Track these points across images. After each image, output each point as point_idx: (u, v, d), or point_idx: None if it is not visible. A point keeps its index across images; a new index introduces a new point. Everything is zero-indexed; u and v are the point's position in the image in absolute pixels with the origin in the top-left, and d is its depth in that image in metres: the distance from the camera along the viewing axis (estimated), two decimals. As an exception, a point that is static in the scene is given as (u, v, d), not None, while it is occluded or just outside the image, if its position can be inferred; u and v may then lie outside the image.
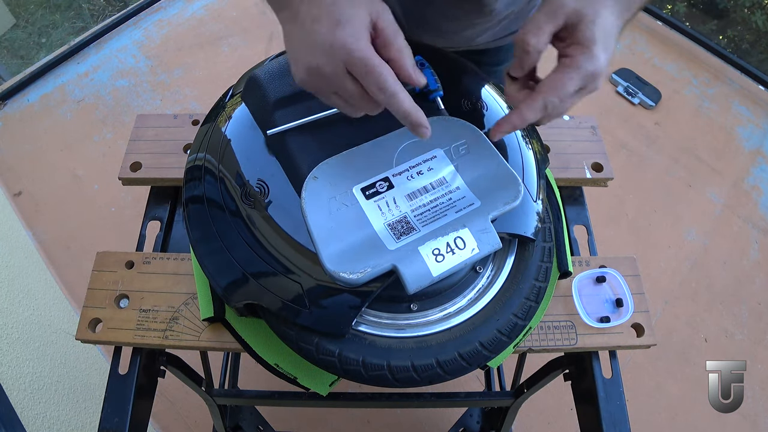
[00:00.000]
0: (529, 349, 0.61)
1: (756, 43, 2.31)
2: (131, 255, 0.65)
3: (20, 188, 1.69)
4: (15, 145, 1.79)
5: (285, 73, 0.55)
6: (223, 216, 0.51)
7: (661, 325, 1.48)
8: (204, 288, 0.61)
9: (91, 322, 0.61)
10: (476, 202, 0.45)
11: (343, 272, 0.41)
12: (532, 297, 0.53)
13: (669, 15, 2.21)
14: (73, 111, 1.87)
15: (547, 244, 0.56)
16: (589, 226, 0.74)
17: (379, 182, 0.46)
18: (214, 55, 2.03)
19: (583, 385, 0.66)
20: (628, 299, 0.63)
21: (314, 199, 0.44)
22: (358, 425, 1.32)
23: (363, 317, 0.51)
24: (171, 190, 0.75)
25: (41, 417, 0.95)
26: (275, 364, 0.57)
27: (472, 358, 0.49)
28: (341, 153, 0.48)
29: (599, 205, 1.66)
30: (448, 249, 0.43)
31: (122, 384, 0.61)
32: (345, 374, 0.50)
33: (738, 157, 1.82)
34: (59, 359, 1.13)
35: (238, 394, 0.97)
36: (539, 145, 0.60)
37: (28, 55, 2.25)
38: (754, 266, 1.59)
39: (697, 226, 1.67)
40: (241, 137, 0.54)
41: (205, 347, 0.61)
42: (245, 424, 1.08)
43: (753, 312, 1.51)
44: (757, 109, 1.94)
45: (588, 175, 0.74)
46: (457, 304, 0.52)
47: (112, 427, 0.59)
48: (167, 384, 0.71)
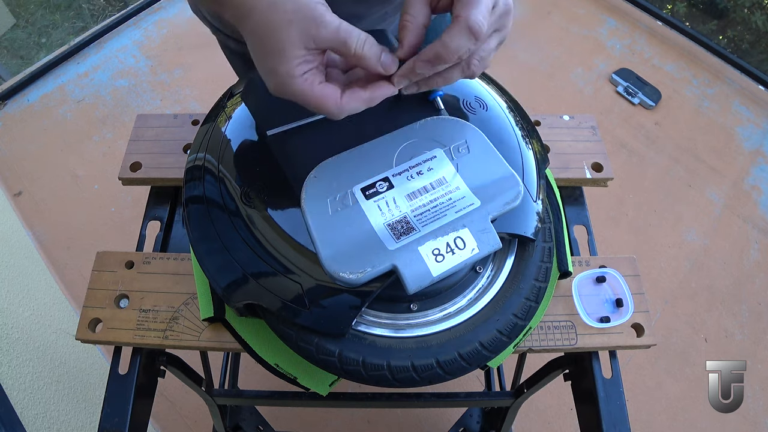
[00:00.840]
0: (529, 349, 0.61)
1: (756, 43, 2.31)
2: (131, 255, 0.65)
3: (20, 188, 1.69)
4: (15, 145, 1.79)
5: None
6: (223, 216, 0.51)
7: (661, 325, 1.48)
8: (204, 288, 0.61)
9: (91, 322, 0.61)
10: (476, 202, 0.45)
11: (342, 272, 0.41)
12: (532, 297, 0.53)
13: (669, 15, 2.21)
14: (73, 111, 1.87)
15: (547, 244, 0.56)
16: (589, 226, 0.74)
17: (379, 182, 0.46)
18: (214, 55, 2.01)
19: (583, 385, 0.66)
20: (628, 299, 0.63)
21: (314, 199, 0.44)
22: (358, 425, 1.32)
23: (363, 317, 0.51)
24: (171, 190, 0.75)
25: (41, 417, 0.94)
26: (275, 364, 0.57)
27: (472, 358, 0.49)
28: (341, 153, 0.48)
29: (599, 205, 1.66)
30: (448, 249, 0.43)
31: (122, 384, 0.61)
32: (345, 374, 0.50)
33: (738, 157, 1.82)
34: (59, 359, 1.13)
35: (238, 394, 0.97)
36: (539, 145, 0.60)
37: (28, 55, 2.25)
38: (754, 266, 1.59)
39: (697, 226, 1.67)
40: (241, 137, 0.54)
41: (205, 347, 0.61)
42: (245, 424, 1.08)
43: (753, 312, 1.51)
44: (757, 109, 1.94)
45: (588, 175, 0.74)
46: (457, 304, 0.52)
47: (112, 427, 0.59)
48: (167, 384, 0.71)
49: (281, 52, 0.37)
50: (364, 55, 0.39)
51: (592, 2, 2.24)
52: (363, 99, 0.40)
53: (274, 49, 0.38)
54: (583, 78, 1.99)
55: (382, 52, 0.40)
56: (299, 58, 0.38)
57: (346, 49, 0.38)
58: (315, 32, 0.37)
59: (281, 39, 0.37)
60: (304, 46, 0.38)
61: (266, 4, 0.38)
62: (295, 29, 0.37)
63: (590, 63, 2.04)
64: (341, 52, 0.39)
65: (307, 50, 0.38)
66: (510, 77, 1.98)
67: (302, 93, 0.38)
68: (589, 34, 2.15)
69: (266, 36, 0.38)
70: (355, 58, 0.39)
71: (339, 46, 0.38)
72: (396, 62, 0.40)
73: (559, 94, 1.96)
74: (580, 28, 2.17)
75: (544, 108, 1.90)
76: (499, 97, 0.60)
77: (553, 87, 1.98)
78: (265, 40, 0.38)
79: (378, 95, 0.40)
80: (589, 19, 2.19)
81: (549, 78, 2.01)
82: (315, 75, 0.39)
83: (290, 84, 0.38)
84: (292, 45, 0.37)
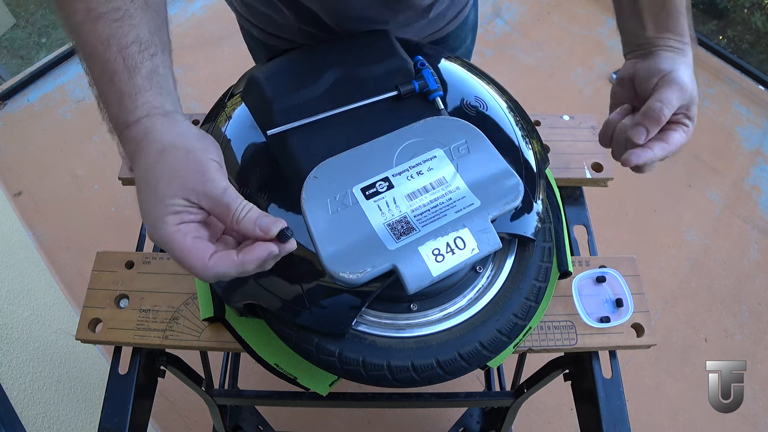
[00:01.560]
0: (529, 349, 0.61)
1: (756, 43, 2.31)
2: (131, 255, 0.65)
3: (20, 188, 1.69)
4: (15, 145, 1.79)
5: (285, 74, 0.55)
6: (223, 216, 0.51)
7: (661, 325, 1.48)
8: (204, 288, 0.61)
9: (91, 322, 0.61)
10: (476, 202, 0.45)
11: (342, 272, 0.41)
12: (532, 297, 0.53)
13: (669, 15, 2.20)
14: (73, 111, 1.87)
15: (547, 244, 0.56)
16: (589, 226, 0.74)
17: (379, 182, 0.46)
18: (214, 55, 2.03)
19: (583, 385, 0.66)
20: (628, 299, 0.63)
21: (314, 199, 0.44)
22: (358, 425, 1.32)
23: (363, 317, 0.51)
24: (171, 190, 0.75)
25: (41, 417, 0.94)
26: (275, 364, 0.57)
27: (472, 358, 0.49)
28: (341, 153, 0.48)
29: (599, 205, 1.66)
30: (448, 249, 0.43)
31: (122, 384, 0.61)
32: (345, 374, 0.50)
33: (738, 157, 1.82)
34: (59, 359, 1.13)
35: (238, 394, 0.97)
36: (539, 145, 0.60)
37: (28, 55, 2.25)
38: (754, 266, 1.59)
39: (697, 226, 1.67)
40: (241, 137, 0.54)
41: (205, 347, 0.61)
42: (245, 424, 1.08)
43: (753, 312, 1.51)
44: (757, 109, 1.94)
45: (588, 175, 0.74)
46: (457, 304, 0.52)
47: (112, 427, 0.59)
48: (167, 384, 0.71)
49: (160, 197, 0.37)
50: (242, 220, 0.37)
51: (592, 2, 2.24)
52: (233, 262, 0.37)
53: (154, 193, 0.37)
54: (583, 78, 1.99)
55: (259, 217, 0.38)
56: (176, 207, 0.37)
57: (226, 212, 0.37)
58: (199, 187, 0.37)
59: (162, 185, 0.37)
60: (184, 197, 0.37)
61: (158, 148, 0.38)
62: (179, 179, 0.37)
63: (590, 63, 2.04)
64: (220, 214, 0.38)
65: (188, 202, 0.37)
66: (510, 77, 1.98)
67: (170, 241, 0.36)
68: (589, 34, 2.15)
69: (151, 178, 0.37)
70: (234, 221, 0.38)
71: (220, 209, 0.38)
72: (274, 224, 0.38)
73: (559, 94, 1.96)
74: (580, 28, 2.17)
75: (544, 108, 1.90)
76: (499, 97, 0.60)
77: (553, 87, 1.98)
78: (148, 182, 0.37)
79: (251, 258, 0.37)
80: (589, 19, 2.19)
81: (549, 78, 2.01)
82: (191, 228, 0.37)
83: (160, 229, 0.37)
84: (172, 192, 0.37)
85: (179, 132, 0.39)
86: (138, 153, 0.39)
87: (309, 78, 0.54)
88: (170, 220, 0.37)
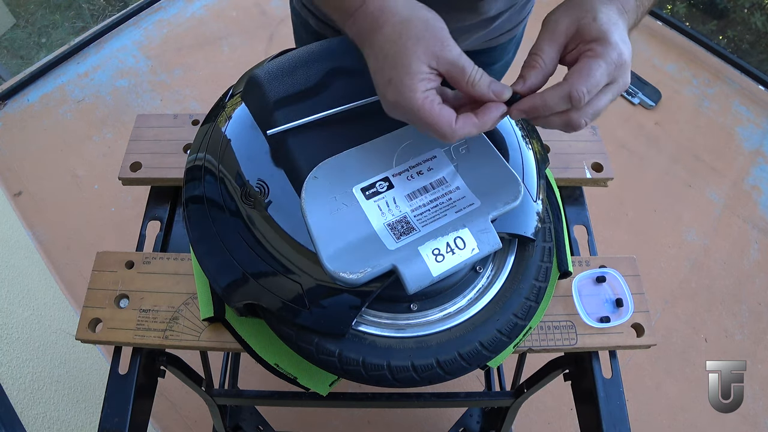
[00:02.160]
0: (529, 349, 0.61)
1: (756, 43, 2.31)
2: (131, 255, 0.65)
3: (20, 188, 1.69)
4: (15, 145, 1.78)
5: (285, 73, 0.55)
6: (223, 216, 0.51)
7: (661, 325, 1.48)
8: (204, 288, 0.61)
9: (91, 322, 0.61)
10: (476, 202, 0.45)
11: (343, 272, 0.41)
12: (532, 297, 0.53)
13: (669, 15, 2.21)
14: (73, 111, 1.87)
15: (547, 244, 0.55)
16: (589, 226, 0.74)
17: (379, 182, 0.46)
18: (214, 55, 2.03)
19: (583, 385, 0.66)
20: (628, 299, 0.63)
21: (314, 199, 0.44)
22: (358, 425, 1.32)
23: (363, 317, 0.51)
24: (171, 190, 0.75)
25: (41, 417, 0.95)
26: (275, 364, 0.57)
27: (472, 358, 0.49)
28: (341, 153, 0.48)
29: (599, 205, 1.66)
30: (448, 249, 0.43)
31: (122, 384, 0.61)
32: (345, 374, 0.50)
33: (738, 157, 1.82)
34: (59, 359, 1.13)
35: (238, 394, 0.97)
36: (539, 145, 0.60)
37: (28, 55, 2.25)
38: (754, 266, 1.59)
39: (697, 226, 1.67)
40: (241, 137, 0.54)
41: (205, 347, 0.61)
42: (245, 424, 1.08)
43: (753, 312, 1.51)
44: (757, 109, 1.94)
45: (588, 175, 0.74)
46: (457, 304, 0.52)
47: (112, 427, 0.59)
48: (167, 384, 0.71)
49: (408, 65, 0.39)
50: (478, 83, 0.40)
51: (592, 2, 2.24)
52: (475, 124, 0.40)
53: (400, 62, 0.39)
54: (583, 78, 1.99)
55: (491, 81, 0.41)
56: (423, 74, 0.39)
57: (461, 75, 0.40)
58: (440, 52, 0.39)
59: (409, 53, 0.39)
60: (428, 64, 0.39)
61: (399, 20, 0.40)
62: (423, 46, 0.39)
63: (590, 63, 2.04)
64: (456, 77, 0.40)
65: (430, 69, 0.39)
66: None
67: (420, 109, 0.39)
68: (589, 34, 2.15)
69: (395, 49, 0.39)
70: (468, 84, 0.40)
71: (457, 72, 0.40)
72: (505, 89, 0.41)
73: (559, 94, 1.95)
74: (580, 28, 2.17)
75: (544, 108, 1.90)
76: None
77: (553, 87, 1.98)
78: (392, 53, 0.39)
79: (488, 119, 0.40)
80: (589, 19, 2.19)
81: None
82: (435, 95, 0.40)
83: (410, 99, 0.39)
84: (418, 60, 0.39)
85: (413, 5, 0.42)
86: (376, 29, 0.41)
87: (309, 78, 0.54)
88: (420, 86, 0.39)
